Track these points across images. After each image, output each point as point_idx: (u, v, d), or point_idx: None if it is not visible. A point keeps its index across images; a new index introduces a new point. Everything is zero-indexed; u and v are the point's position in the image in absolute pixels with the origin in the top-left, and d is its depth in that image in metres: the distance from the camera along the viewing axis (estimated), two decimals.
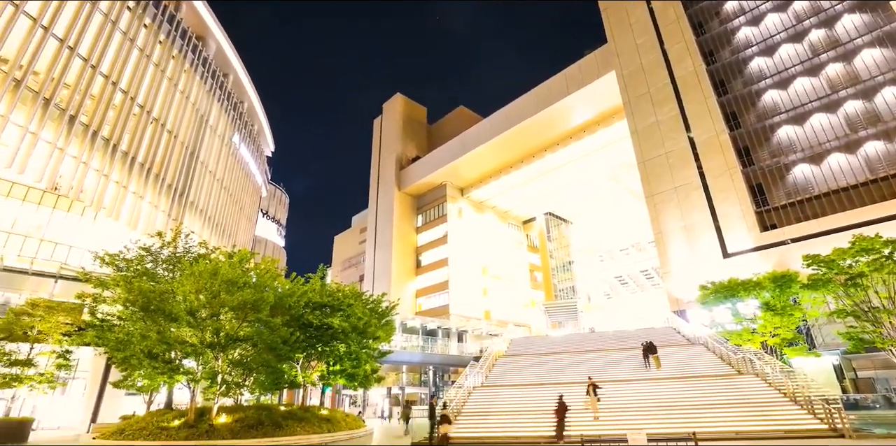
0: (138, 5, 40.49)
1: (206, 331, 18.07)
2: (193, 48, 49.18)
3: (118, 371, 20.43)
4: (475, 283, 67.35)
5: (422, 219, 74.26)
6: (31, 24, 31.29)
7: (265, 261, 23.77)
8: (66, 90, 34.33)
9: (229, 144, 58.65)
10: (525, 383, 25.26)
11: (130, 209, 39.05)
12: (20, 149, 30.36)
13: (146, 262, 23.28)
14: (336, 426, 20.13)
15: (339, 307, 23.99)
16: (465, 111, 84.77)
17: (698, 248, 37.62)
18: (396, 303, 29.85)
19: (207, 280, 18.24)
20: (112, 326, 20.38)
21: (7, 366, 19.76)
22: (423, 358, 42.44)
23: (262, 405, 21.98)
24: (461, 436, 18.65)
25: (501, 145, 63.06)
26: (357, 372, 24.14)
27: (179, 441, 15.64)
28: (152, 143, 42.28)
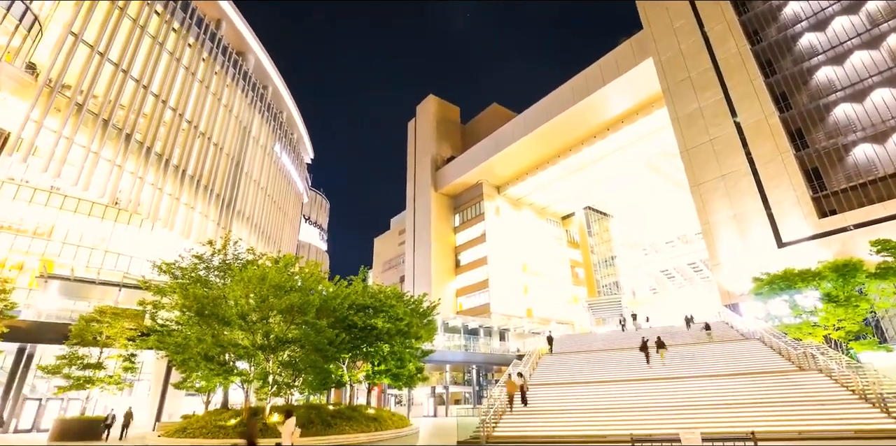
0: (182, 26, 42.68)
1: (256, 334, 18.84)
2: (234, 63, 51.34)
3: (178, 373, 21.68)
4: (515, 281, 66.80)
5: (459, 219, 74.38)
6: (88, 51, 33.58)
7: (309, 265, 24.49)
8: (122, 110, 36.65)
9: (271, 153, 60.84)
10: (570, 381, 24.85)
11: (183, 219, 41.23)
12: (84, 167, 32.68)
13: (199, 270, 24.55)
14: (383, 425, 20.52)
15: (381, 308, 24.43)
16: (499, 108, 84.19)
17: (750, 238, 35.76)
18: (437, 303, 30.05)
19: (256, 285, 19.00)
20: (171, 331, 21.62)
21: (81, 369, 21.42)
22: (465, 358, 42.56)
23: (312, 404, 22.72)
24: (507, 435, 18.56)
25: (537, 141, 62.23)
26: (401, 372, 24.49)
27: (236, 438, 16.42)
28: (200, 156, 44.47)
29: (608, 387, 22.60)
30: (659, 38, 46.17)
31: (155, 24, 39.64)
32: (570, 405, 21.11)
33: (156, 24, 39.70)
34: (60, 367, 21.25)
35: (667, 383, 21.28)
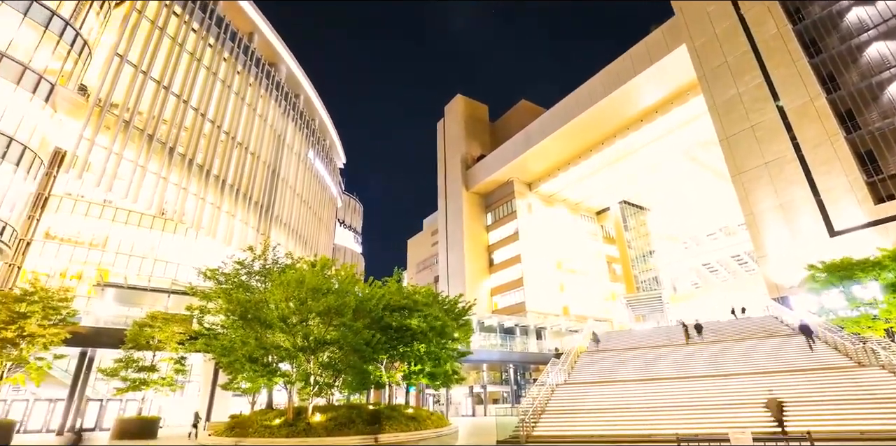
0: (217, 41, 44.43)
1: (297, 336, 19.38)
2: (267, 74, 52.99)
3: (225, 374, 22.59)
4: (550, 279, 65.92)
5: (491, 218, 74.07)
6: (133, 70, 35.47)
7: (345, 267, 24.97)
8: (165, 125, 38.51)
9: (305, 160, 62.44)
10: (610, 380, 24.33)
11: (225, 227, 42.90)
12: (132, 181, 34.55)
13: (241, 275, 25.48)
14: (422, 424, 20.71)
15: (416, 308, 24.63)
16: (527, 104, 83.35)
17: (798, 228, 33.96)
18: (473, 303, 30.06)
19: (295, 288, 19.56)
20: (217, 334, 22.55)
21: (136, 372, 22.69)
22: (502, 357, 42.38)
23: (352, 404, 23.18)
24: (546, 435, 18.37)
25: (568, 135, 61.18)
26: (438, 372, 24.61)
27: (281, 438, 17.00)
28: (238, 165, 46.16)
29: (651, 385, 22.02)
30: (692, 23, 44.52)
31: (192, 40, 41.43)
32: (612, 403, 20.68)
33: (193, 41, 41.49)
34: (118, 370, 22.61)
35: (714, 380, 20.54)
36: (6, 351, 18.91)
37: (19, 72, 25.57)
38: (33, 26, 26.75)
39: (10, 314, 19.19)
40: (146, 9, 37.00)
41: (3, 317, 19.02)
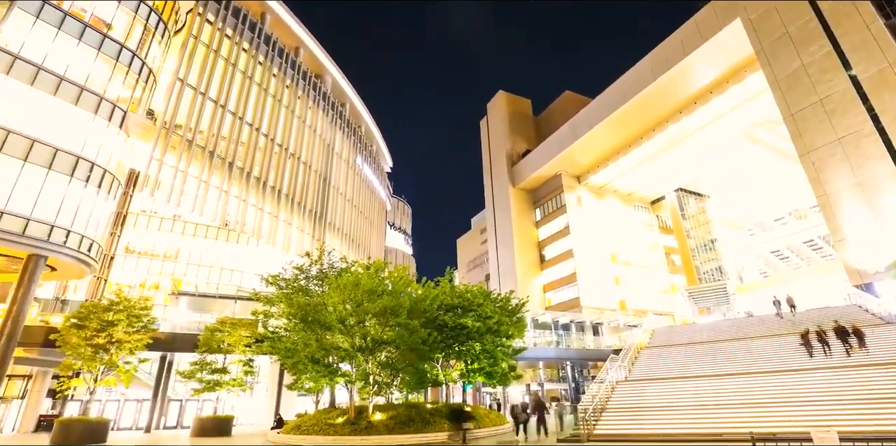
0: (266, 58, 46.71)
1: (355, 337, 20.07)
2: (314, 86, 55.03)
3: (290, 375, 23.75)
4: (605, 273, 63.99)
5: (540, 213, 72.93)
6: (192, 92, 38.00)
7: (397, 269, 25.51)
8: (224, 142, 40.95)
9: (354, 166, 64.27)
10: (674, 376, 23.39)
11: (283, 235, 45.04)
12: (197, 195, 37.02)
13: (300, 280, 26.71)
14: (480, 422, 20.81)
15: (469, 307, 24.78)
16: (572, 95, 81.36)
17: (881, 207, 31.00)
18: (526, 300, 29.82)
19: (351, 291, 20.25)
20: (280, 337, 23.76)
21: (210, 374, 24.39)
22: (558, 354, 41.72)
23: (411, 403, 23.70)
24: (608, 433, 17.95)
25: (616, 124, 59.13)
26: (494, 370, 24.60)
27: (345, 436, 17.70)
28: (292, 175, 48.28)
29: (719, 381, 20.97)
30: None
31: (244, 60, 43.80)
32: (677, 401, 19.90)
33: (245, 60, 43.86)
34: (194, 372, 24.42)
35: (791, 375, 19.28)
36: (99, 356, 20.93)
37: (96, 102, 28.11)
38: (106, 59, 29.30)
39: (101, 322, 21.23)
40: (202, 34, 39.51)
41: (95, 325, 21.07)
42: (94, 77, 28.27)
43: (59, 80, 26.24)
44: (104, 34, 29.40)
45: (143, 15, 32.55)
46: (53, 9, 26.93)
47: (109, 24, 30.28)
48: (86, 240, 26.36)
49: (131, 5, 31.67)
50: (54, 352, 24.24)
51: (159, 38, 34.49)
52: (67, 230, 25.06)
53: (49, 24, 26.53)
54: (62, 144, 25.58)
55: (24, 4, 25.21)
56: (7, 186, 22.93)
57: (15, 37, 24.83)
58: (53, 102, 25.79)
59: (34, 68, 25.27)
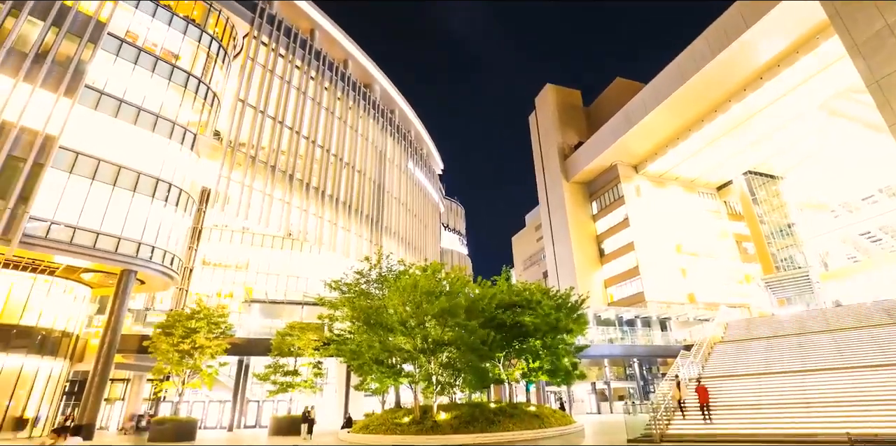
0: (318, 73, 48.80)
1: (416, 338, 20.53)
2: (364, 95, 56.78)
3: (356, 376, 24.67)
4: (670, 265, 60.94)
5: (596, 206, 70.78)
6: (253, 111, 40.45)
7: (454, 269, 25.85)
8: (283, 156, 43.20)
9: (406, 171, 65.55)
10: (754, 372, 21.96)
11: (342, 241, 46.81)
12: (263, 208, 39.33)
13: (361, 284, 27.66)
14: (545, 422, 20.60)
15: (528, 305, 24.63)
16: (623, 82, 78.33)
17: None
18: (586, 295, 29.16)
19: (410, 293, 20.72)
20: (346, 340, 24.77)
21: (283, 376, 25.88)
22: (623, 351, 40.35)
23: (474, 402, 23.85)
24: (682, 433, 17.20)
25: (673, 108, 56.23)
26: (557, 369, 24.27)
27: (411, 435, 18.16)
28: (348, 184, 50.09)
29: (808, 378, 19.48)
30: None
31: (297, 76, 46.01)
32: (757, 399, 18.70)
33: (298, 77, 46.07)
34: (268, 375, 26.04)
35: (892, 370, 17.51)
36: (185, 361, 22.86)
37: (170, 128, 30.66)
38: (175, 88, 31.88)
39: (185, 330, 23.17)
40: (258, 55, 41.97)
41: (180, 332, 23.03)
42: (166, 105, 30.81)
43: (137, 110, 28.86)
44: (173, 65, 31.99)
45: (206, 43, 35.08)
46: (129, 46, 29.67)
47: (177, 54, 32.91)
48: (168, 255, 28.81)
49: (194, 35, 34.23)
50: (147, 358, 26.79)
51: (220, 63, 36.99)
52: (152, 246, 27.51)
53: (127, 60, 29.26)
54: (143, 168, 28.12)
55: (105, 45, 27.97)
56: (101, 209, 25.54)
57: (100, 75, 27.61)
58: (134, 131, 28.40)
59: (117, 102, 27.96)
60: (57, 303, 26.73)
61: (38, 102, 24.05)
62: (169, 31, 32.54)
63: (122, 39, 29.34)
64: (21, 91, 23.72)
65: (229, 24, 39.02)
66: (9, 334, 24.04)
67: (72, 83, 25.35)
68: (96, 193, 25.54)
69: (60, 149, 24.29)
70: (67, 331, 27.10)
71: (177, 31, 33.02)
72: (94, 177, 25.68)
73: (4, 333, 23.95)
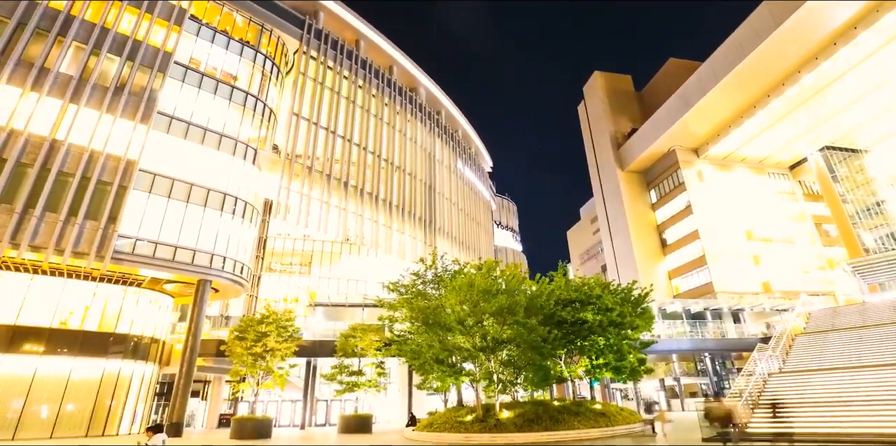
0: (365, 81, 50.24)
1: (475, 337, 20.66)
2: (410, 99, 57.78)
3: (418, 375, 25.17)
4: (741, 252, 57.15)
5: (655, 195, 67.74)
6: (306, 123, 42.35)
7: (509, 267, 25.70)
8: (337, 164, 44.86)
9: (455, 171, 65.93)
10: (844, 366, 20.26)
11: (398, 243, 47.88)
12: (321, 215, 41.05)
13: (418, 284, 28.17)
14: (612, 420, 20.07)
15: (588, 301, 24.07)
16: (677, 62, 74.51)
17: None
18: (649, 288, 28.09)
19: (466, 292, 20.82)
20: (406, 340, 25.32)
21: (348, 376, 26.91)
22: (693, 345, 38.30)
23: (537, 400, 23.62)
24: (762, 432, 16.22)
25: (734, 85, 52.70)
26: (622, 365, 23.53)
27: (475, 433, 18.31)
28: (400, 187, 51.17)
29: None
30: None
31: (346, 86, 47.64)
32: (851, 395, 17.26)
33: (346, 87, 47.71)
34: (334, 375, 27.19)
35: None
36: (258, 363, 24.38)
37: (233, 145, 32.76)
38: (236, 107, 34.02)
39: (256, 334, 24.69)
40: (308, 70, 43.86)
41: (252, 336, 24.58)
42: (228, 124, 32.94)
43: (204, 130, 31.07)
44: (232, 86, 34.15)
45: (260, 63, 37.17)
46: (193, 72, 32.03)
47: (235, 75, 35.10)
48: (238, 264, 30.80)
49: (249, 55, 36.37)
50: (224, 361, 28.82)
51: (274, 80, 39.02)
52: (224, 257, 29.53)
53: (192, 85, 31.59)
54: (212, 184, 30.24)
55: (172, 73, 30.37)
56: (177, 225, 27.76)
57: (169, 100, 30.01)
58: (201, 150, 30.61)
59: (185, 124, 30.27)
60: (145, 312, 29.36)
61: (118, 130, 26.54)
62: (227, 54, 34.76)
63: (187, 66, 31.72)
64: (104, 121, 26.26)
65: (280, 42, 41.03)
66: (107, 341, 26.73)
67: (146, 111, 27.75)
68: (172, 210, 27.79)
69: (140, 171, 26.67)
70: (155, 337, 29.73)
71: (234, 53, 35.22)
72: (169, 195, 27.95)
73: (104, 341, 26.66)
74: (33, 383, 23.84)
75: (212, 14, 35.58)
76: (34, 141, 24.00)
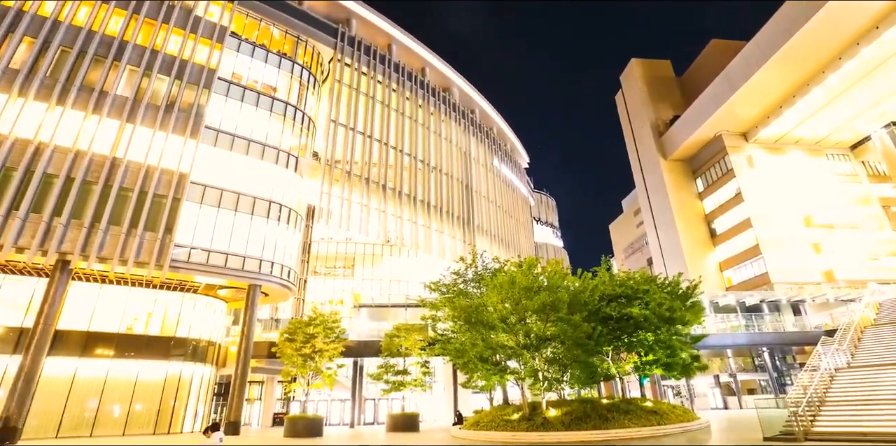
0: (398, 85, 50.93)
1: (518, 335, 20.56)
2: (444, 100, 58.05)
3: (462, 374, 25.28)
4: (799, 240, 53.77)
5: (702, 183, 64.88)
6: (344, 130, 43.42)
7: (550, 263, 25.43)
8: (375, 168, 45.73)
9: (492, 168, 65.66)
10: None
11: (437, 243, 48.24)
12: (361, 218, 41.98)
13: (459, 283, 28.34)
14: (665, 418, 19.43)
15: (634, 295, 23.48)
16: (720, 43, 71.05)
17: None
18: (698, 281, 27.04)
19: (507, 289, 20.74)
20: (449, 339, 25.51)
21: (394, 375, 27.42)
22: (749, 340, 36.50)
23: (585, 398, 23.22)
24: (831, 431, 15.27)
25: (784, 62, 49.53)
26: (674, 361, 22.76)
27: (522, 432, 18.20)
28: (437, 188, 51.53)
29: None
30: None
31: (380, 91, 48.48)
32: None
33: (381, 91, 48.54)
34: (380, 374, 27.79)
35: None
36: (307, 364, 25.27)
37: (276, 155, 34.09)
38: (277, 117, 35.38)
39: (305, 335, 25.61)
40: (343, 77, 44.97)
41: (301, 338, 25.51)
42: (270, 134, 34.27)
43: (248, 142, 32.47)
44: (273, 97, 35.51)
45: (298, 73, 38.47)
46: (236, 86, 33.55)
47: (275, 87, 36.47)
48: (285, 268, 32.00)
49: (287, 67, 37.69)
50: (276, 362, 30.04)
51: (312, 89, 40.26)
52: (272, 262, 30.76)
53: (235, 99, 33.11)
54: (257, 193, 31.57)
55: (217, 88, 31.93)
56: (227, 233, 29.18)
57: (215, 115, 31.55)
58: (246, 160, 32.02)
59: (231, 137, 31.74)
60: (201, 317, 31.05)
61: (170, 146, 28.18)
62: (266, 67, 36.19)
63: (230, 81, 33.28)
64: (157, 138, 27.95)
65: (315, 51, 42.25)
66: (169, 345, 28.48)
67: (194, 126, 29.32)
68: (222, 219, 29.23)
69: (191, 183, 28.20)
70: (212, 340, 31.39)
71: (272, 66, 36.62)
72: (219, 205, 29.41)
73: (165, 344, 28.43)
74: (106, 384, 25.80)
75: (250, 29, 37.14)
76: (97, 160, 25.87)
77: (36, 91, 25.38)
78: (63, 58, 27.04)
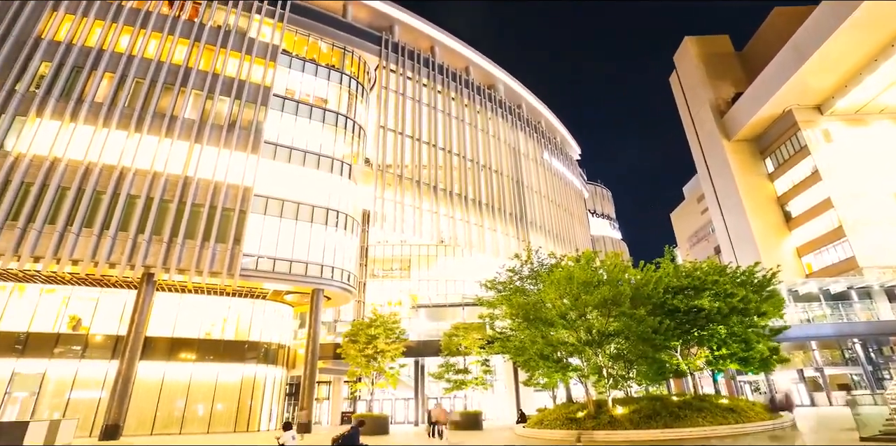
0: (443, 86, 51.41)
1: (579, 331, 20.10)
2: (489, 97, 57.88)
3: (523, 372, 25.07)
4: (890, 219, 48.53)
5: (772, 164, 60.24)
6: (392, 134, 44.44)
7: (608, 256, 24.60)
8: (425, 170, 46.41)
9: (542, 163, 64.59)
10: None
11: (491, 241, 48.17)
12: (414, 220, 42.75)
13: (515, 281, 28.15)
14: (743, 416, 18.29)
15: (703, 286, 22.32)
16: (784, 10, 65.61)
17: None
18: (776, 269, 25.22)
19: (565, 285, 20.28)
20: (508, 337, 25.39)
21: (455, 374, 27.67)
22: (835, 330, 33.38)
23: (653, 396, 22.29)
24: None
25: (863, 24, 44.61)
26: (750, 355, 21.36)
27: (588, 430, 17.79)
28: (488, 186, 51.47)
29: None
30: None
31: (426, 94, 49.17)
32: None
33: (426, 94, 49.23)
34: (441, 374, 28.17)
35: None
36: (371, 364, 26.10)
37: (330, 164, 35.49)
38: (329, 128, 36.83)
39: (367, 336, 26.47)
40: (389, 83, 46.05)
41: (364, 339, 26.39)
42: (324, 144, 35.72)
43: (304, 153, 34.06)
44: (324, 108, 37.02)
45: (346, 84, 39.84)
46: (290, 101, 35.33)
47: (325, 98, 37.98)
48: (345, 273, 33.24)
49: (336, 78, 39.16)
50: (342, 363, 31.25)
51: (360, 97, 41.53)
52: (332, 267, 32.06)
53: (289, 113, 34.85)
54: (315, 201, 33.04)
55: (272, 104, 33.78)
56: (289, 241, 30.76)
57: (272, 130, 33.35)
58: (303, 171, 33.60)
59: (288, 150, 33.44)
60: (270, 321, 32.96)
61: (234, 162, 30.14)
62: (316, 80, 37.78)
63: (284, 97, 35.09)
64: (222, 155, 29.98)
65: (361, 60, 43.54)
66: (243, 348, 30.47)
67: (255, 142, 31.19)
68: (284, 228, 30.85)
69: (255, 196, 30.00)
70: (281, 343, 33.24)
71: (322, 78, 38.19)
72: (281, 215, 31.08)
73: (240, 348, 30.46)
74: (190, 386, 28.02)
75: (300, 45, 38.89)
76: (171, 179, 28.20)
77: (117, 121, 28.09)
78: (137, 88, 29.69)
